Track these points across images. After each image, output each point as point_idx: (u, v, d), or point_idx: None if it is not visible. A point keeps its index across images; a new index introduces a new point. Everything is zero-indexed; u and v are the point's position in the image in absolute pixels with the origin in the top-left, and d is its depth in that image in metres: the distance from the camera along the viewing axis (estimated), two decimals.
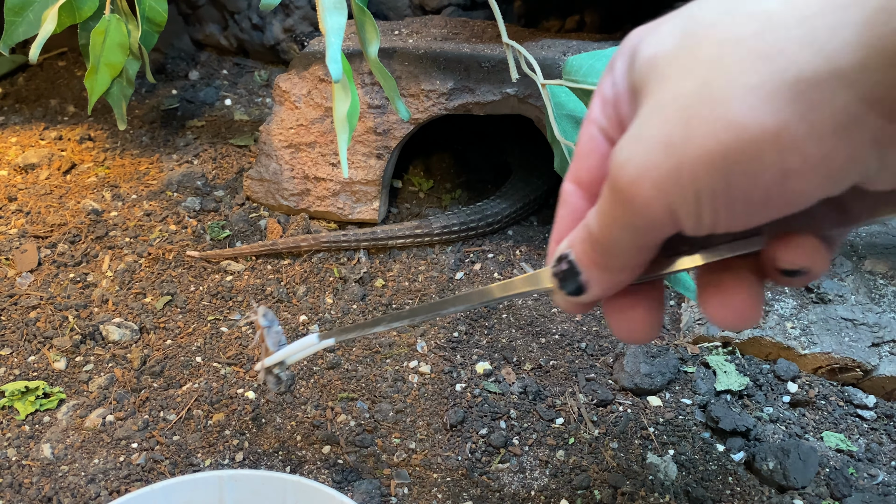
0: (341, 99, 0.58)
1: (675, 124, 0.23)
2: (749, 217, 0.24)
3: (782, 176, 0.23)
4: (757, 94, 0.22)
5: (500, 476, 0.56)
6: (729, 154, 0.23)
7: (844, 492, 0.55)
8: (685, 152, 0.23)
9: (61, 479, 0.54)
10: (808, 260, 0.27)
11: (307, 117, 0.78)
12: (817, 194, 0.23)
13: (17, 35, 0.74)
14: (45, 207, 0.80)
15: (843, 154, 0.22)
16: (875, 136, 0.22)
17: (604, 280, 0.29)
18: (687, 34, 0.24)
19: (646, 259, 0.28)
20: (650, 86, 0.25)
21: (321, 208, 0.79)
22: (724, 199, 0.24)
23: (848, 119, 0.22)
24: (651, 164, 0.24)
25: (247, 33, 1.11)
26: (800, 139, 0.22)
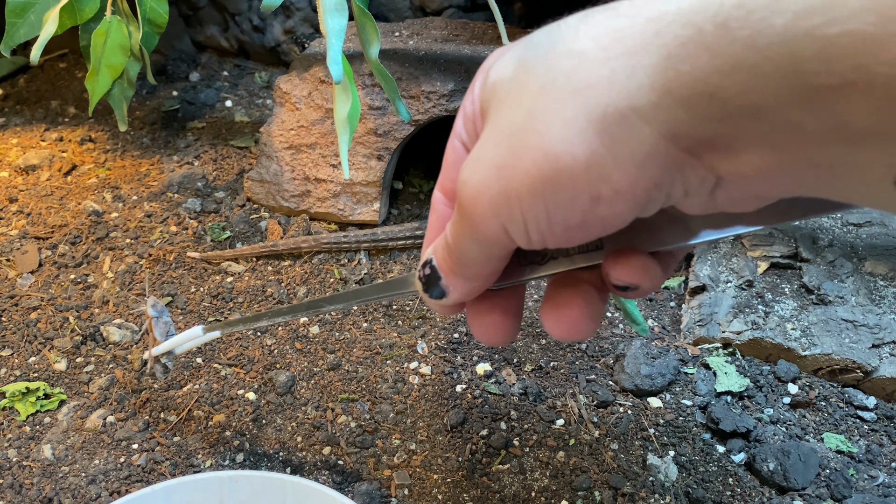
0: (342, 100, 0.58)
1: (505, 150, 0.26)
2: (570, 236, 0.27)
3: (593, 201, 0.25)
4: (570, 127, 0.24)
5: (501, 477, 0.56)
6: (547, 180, 0.25)
7: (845, 493, 0.55)
8: (512, 177, 0.25)
9: (62, 479, 0.54)
10: (636, 277, 0.29)
11: (308, 118, 0.78)
12: (628, 217, 0.26)
13: (18, 37, 0.74)
14: (45, 209, 0.80)
15: (645, 182, 0.24)
16: (674, 166, 0.24)
17: (460, 286, 0.31)
18: (520, 65, 0.26)
19: (495, 268, 0.30)
20: (490, 110, 0.27)
21: (322, 209, 0.79)
22: (545, 220, 0.26)
23: (648, 151, 0.24)
24: (485, 185, 0.26)
25: (247, 35, 1.11)
26: (606, 169, 0.24)
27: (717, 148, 0.24)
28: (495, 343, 0.34)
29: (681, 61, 0.22)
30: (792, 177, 0.24)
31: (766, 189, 0.25)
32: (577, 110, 0.24)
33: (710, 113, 0.23)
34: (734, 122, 0.23)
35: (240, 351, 0.65)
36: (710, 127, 0.23)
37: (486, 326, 0.34)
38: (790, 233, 0.73)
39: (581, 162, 0.24)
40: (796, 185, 0.24)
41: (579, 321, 0.31)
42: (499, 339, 0.34)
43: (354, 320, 0.69)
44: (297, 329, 0.68)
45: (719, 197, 0.26)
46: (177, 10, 1.11)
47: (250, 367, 0.64)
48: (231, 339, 0.67)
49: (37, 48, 0.68)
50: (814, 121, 0.21)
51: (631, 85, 0.23)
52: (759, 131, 0.23)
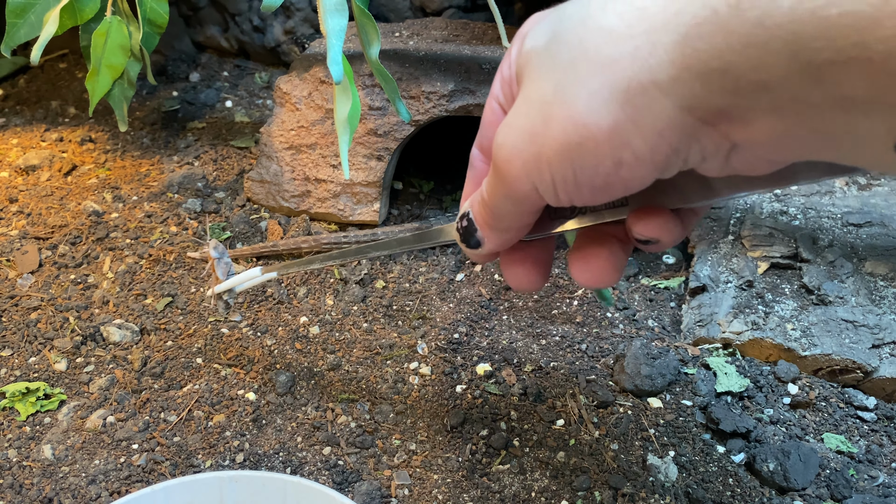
0: (342, 100, 0.58)
1: (536, 118, 0.28)
2: (595, 196, 0.29)
3: (616, 166, 0.27)
4: (596, 99, 0.26)
5: (501, 477, 0.56)
6: (574, 147, 0.27)
7: (845, 493, 0.55)
8: (543, 143, 0.28)
9: (62, 479, 0.54)
10: (657, 232, 0.32)
11: (308, 119, 0.78)
12: (648, 179, 0.28)
13: (18, 37, 0.74)
14: (45, 209, 0.80)
15: (664, 149, 0.27)
16: (693, 135, 0.27)
17: (494, 237, 0.35)
18: (553, 37, 0.28)
19: (527, 222, 0.33)
20: (525, 77, 0.30)
21: (322, 210, 0.79)
22: (572, 182, 0.28)
23: (667, 121, 0.26)
24: (518, 148, 0.29)
25: (247, 35, 1.11)
26: (629, 136, 0.26)
27: (731, 118, 0.26)
28: (526, 289, 0.38)
29: (698, 39, 0.24)
30: (800, 143, 0.26)
31: (777, 154, 0.27)
32: (602, 83, 0.26)
33: (724, 86, 0.25)
34: (746, 94, 0.24)
35: (240, 351, 0.65)
36: (725, 99, 0.25)
37: (518, 275, 0.37)
38: (790, 233, 0.73)
39: (605, 130, 0.26)
40: (804, 151, 0.26)
41: (604, 270, 0.34)
42: (530, 286, 0.37)
43: (354, 320, 0.69)
44: (297, 329, 0.68)
45: (734, 161, 0.28)
46: (177, 11, 1.11)
47: (250, 368, 0.64)
48: (231, 340, 0.67)
49: (37, 48, 0.68)
50: (818, 93, 0.23)
51: (652, 61, 0.25)
52: (769, 103, 0.24)
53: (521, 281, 0.37)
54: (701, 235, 0.76)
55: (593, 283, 0.34)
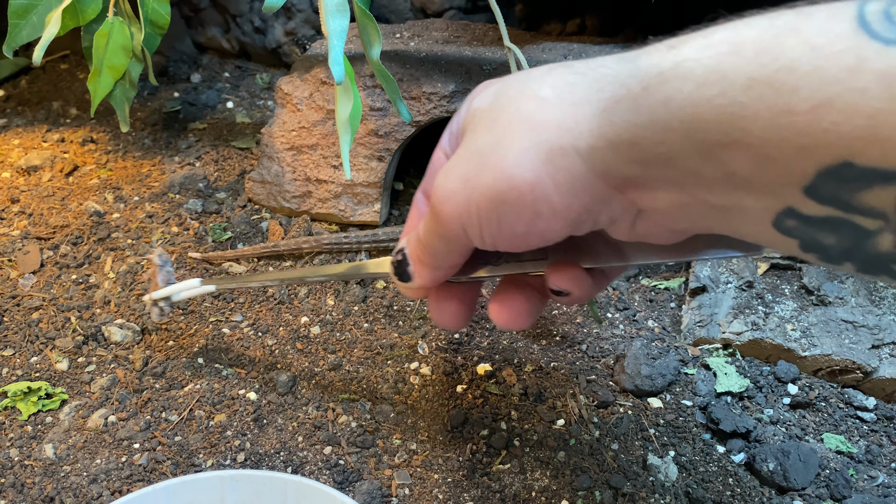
0: (343, 101, 0.58)
1: (472, 166, 0.31)
2: (515, 243, 0.32)
3: (534, 216, 0.30)
4: (524, 155, 0.30)
5: (501, 477, 0.56)
6: (500, 194, 0.30)
7: (844, 493, 0.55)
8: (474, 188, 0.31)
9: (63, 479, 0.55)
10: (569, 285, 0.36)
11: (309, 120, 0.78)
12: (562, 233, 0.32)
13: (20, 38, 0.75)
14: (47, 209, 0.81)
15: (577, 207, 0.30)
16: (604, 198, 0.30)
17: (425, 273, 0.38)
18: (496, 100, 0.32)
19: (455, 263, 0.37)
20: (468, 131, 0.33)
21: (323, 210, 0.79)
22: (496, 226, 0.32)
23: (582, 183, 0.29)
24: (453, 191, 0.32)
25: (249, 36, 1.11)
26: (548, 192, 0.30)
27: (637, 186, 0.29)
28: (450, 327, 0.41)
29: (614, 114, 0.28)
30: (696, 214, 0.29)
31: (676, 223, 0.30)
32: (531, 143, 0.29)
33: (633, 157, 0.28)
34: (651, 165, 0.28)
35: (241, 351, 0.66)
36: (633, 169, 0.28)
37: (443, 311, 0.41)
38: None
39: (528, 183, 0.30)
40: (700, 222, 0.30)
41: (518, 314, 0.38)
42: (453, 324, 0.41)
43: (355, 321, 0.70)
44: (298, 329, 0.68)
45: (640, 227, 0.32)
46: (178, 12, 1.11)
47: (251, 368, 0.64)
48: (232, 340, 0.67)
49: (39, 49, 0.68)
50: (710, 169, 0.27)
51: (575, 129, 0.29)
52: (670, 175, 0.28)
53: (445, 317, 0.41)
54: None
55: (507, 324, 0.38)
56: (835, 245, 0.27)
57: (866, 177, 0.24)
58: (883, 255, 0.26)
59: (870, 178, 0.24)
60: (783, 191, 0.26)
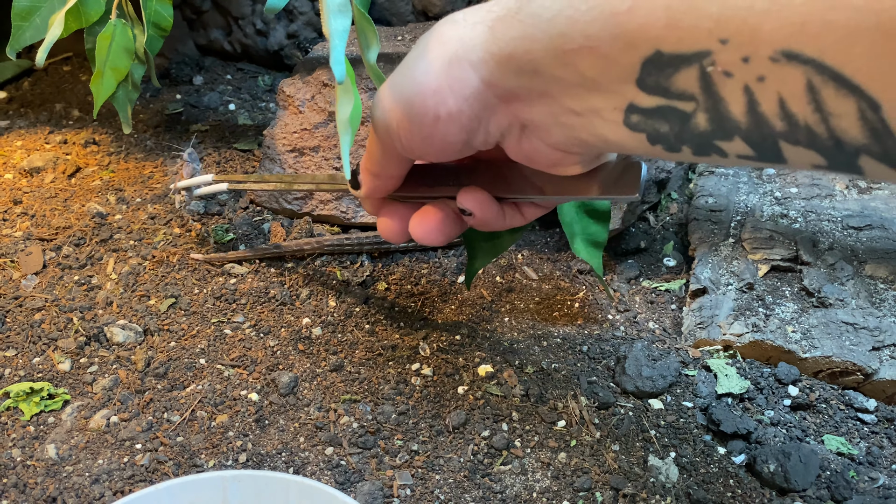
0: (344, 101, 0.58)
1: (397, 77, 0.37)
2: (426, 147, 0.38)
3: (435, 119, 0.36)
4: (430, 65, 0.35)
5: (502, 478, 0.56)
6: (409, 98, 0.36)
7: (845, 495, 0.55)
8: (395, 93, 0.37)
9: (66, 479, 0.55)
10: (472, 205, 0.43)
11: (311, 121, 0.78)
12: (459, 138, 0.37)
13: (23, 40, 0.75)
14: (49, 210, 0.81)
15: (469, 113, 0.36)
16: (491, 107, 0.36)
17: (368, 181, 0.45)
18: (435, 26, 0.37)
19: (392, 173, 0.44)
20: None
21: (324, 212, 0.80)
22: (409, 128, 0.37)
23: (472, 90, 0.35)
24: (381, 97, 0.38)
25: (251, 38, 1.11)
26: (446, 97, 0.35)
27: (517, 98, 0.35)
28: (391, 239, 0.48)
29: (497, 31, 0.33)
30: (564, 123, 0.34)
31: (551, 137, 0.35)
32: (438, 54, 0.35)
33: (510, 68, 0.33)
34: (524, 76, 0.33)
35: (242, 352, 0.66)
36: (511, 80, 0.34)
37: (386, 224, 0.48)
38: (790, 236, 0.73)
39: (431, 89, 0.35)
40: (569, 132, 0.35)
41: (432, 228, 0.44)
42: (393, 237, 0.48)
43: (357, 322, 0.70)
44: (299, 330, 0.68)
45: (525, 144, 0.37)
46: (180, 14, 1.12)
47: (253, 368, 0.64)
48: (234, 341, 0.67)
49: (42, 51, 0.69)
50: (567, 74, 0.32)
51: (470, 43, 0.34)
52: (539, 85, 0.33)
53: (387, 228, 0.47)
54: (702, 238, 0.76)
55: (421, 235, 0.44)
56: (668, 132, 0.31)
57: (673, 62, 0.28)
58: (705, 134, 0.30)
59: (676, 63, 0.28)
60: (622, 87, 0.30)
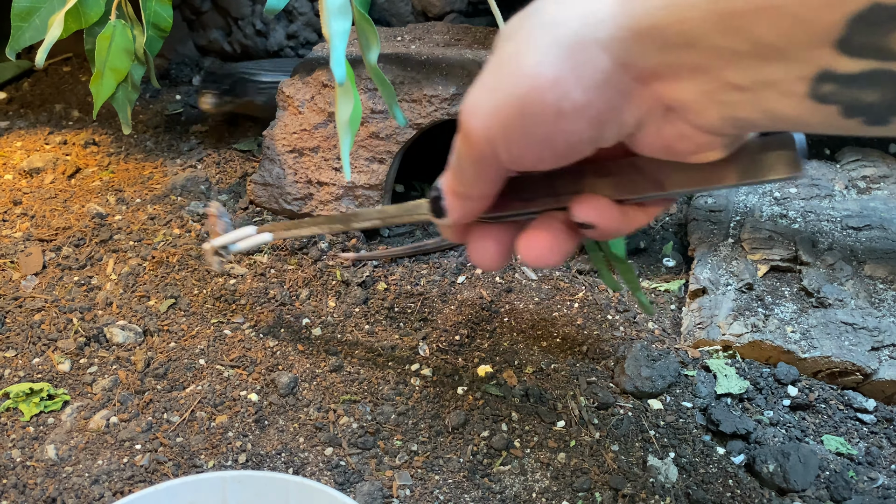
0: (344, 102, 0.59)
1: (495, 75, 0.31)
2: (543, 152, 0.31)
3: (558, 116, 0.29)
4: (543, 53, 0.29)
5: (502, 478, 0.56)
6: (522, 96, 0.30)
7: (844, 495, 0.55)
8: (498, 95, 0.30)
9: (65, 479, 0.55)
10: (593, 216, 0.35)
11: (310, 122, 0.78)
12: (586, 135, 0.31)
13: (23, 40, 0.75)
14: (49, 211, 0.81)
15: (601, 103, 0.29)
16: (627, 93, 0.29)
17: (458, 206, 0.37)
18: (520, 16, 0.32)
19: (488, 191, 0.36)
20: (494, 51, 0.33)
21: (324, 212, 0.80)
22: (522, 133, 0.31)
23: (605, 76, 0.29)
24: (478, 104, 0.31)
25: (250, 39, 1.11)
26: (570, 87, 0.29)
27: (661, 76, 0.28)
28: (487, 265, 0.40)
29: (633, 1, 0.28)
30: (723, 103, 0.28)
31: (704, 118, 0.29)
32: (550, 40, 0.29)
33: (655, 43, 0.27)
34: (673, 50, 0.27)
35: (242, 352, 0.66)
36: (655, 56, 0.28)
37: (480, 251, 0.40)
38: (790, 236, 0.73)
39: (550, 81, 0.29)
40: (728, 112, 0.29)
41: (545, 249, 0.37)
42: (491, 264, 0.40)
43: (356, 322, 0.70)
44: (299, 331, 0.68)
45: (667, 131, 0.31)
46: (180, 15, 1.12)
47: (253, 369, 0.64)
48: (234, 341, 0.67)
49: (42, 52, 0.69)
50: (735, 43, 0.26)
51: (595, 20, 0.28)
52: (693, 59, 0.27)
53: (483, 257, 0.40)
54: (701, 238, 0.76)
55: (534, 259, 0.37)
56: (878, 101, 0.25)
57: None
58: None
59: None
60: (815, 52, 0.25)
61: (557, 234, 0.37)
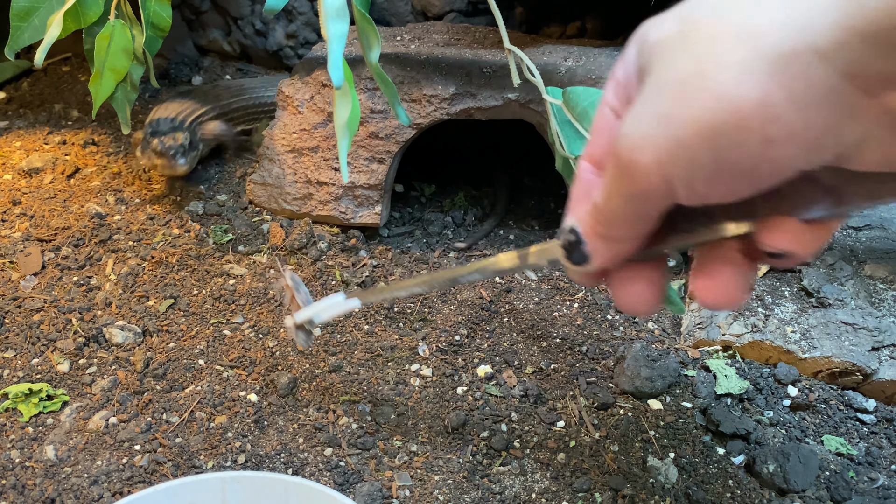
0: (342, 105, 0.58)
1: (671, 99, 0.26)
2: (735, 187, 0.26)
3: (765, 144, 0.25)
4: (743, 70, 0.24)
5: (502, 478, 0.56)
6: (718, 124, 0.25)
7: (844, 495, 0.55)
8: (680, 124, 0.25)
9: (64, 480, 0.55)
10: (790, 244, 0.29)
11: (310, 122, 0.78)
12: (798, 163, 0.26)
13: (22, 40, 0.75)
14: (49, 211, 0.81)
15: (820, 123, 0.24)
16: (852, 108, 0.24)
17: (605, 249, 0.31)
18: (685, 19, 0.26)
19: (644, 231, 0.30)
20: (652, 67, 0.27)
21: (324, 212, 0.80)
22: (712, 168, 0.26)
23: (825, 91, 0.24)
24: (649, 135, 0.26)
25: (250, 39, 1.11)
26: (781, 109, 0.24)
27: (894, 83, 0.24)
28: (639, 313, 0.34)
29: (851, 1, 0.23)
30: None
31: None
32: (750, 53, 0.24)
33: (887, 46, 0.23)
34: None
35: (242, 353, 0.66)
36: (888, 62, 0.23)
37: (631, 296, 0.34)
38: None
39: (753, 103, 0.24)
40: None
41: (731, 289, 0.31)
42: (643, 309, 0.34)
43: (356, 322, 0.70)
44: None
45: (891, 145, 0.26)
46: (180, 15, 1.12)
47: (252, 369, 0.64)
48: (233, 341, 0.67)
49: (41, 52, 0.69)
50: None
51: (810, 26, 0.23)
52: None
53: (635, 301, 0.34)
54: None
55: (720, 302, 0.31)
56: None
57: None
58: None
59: None
60: None
61: (739, 268, 0.31)
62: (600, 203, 0.30)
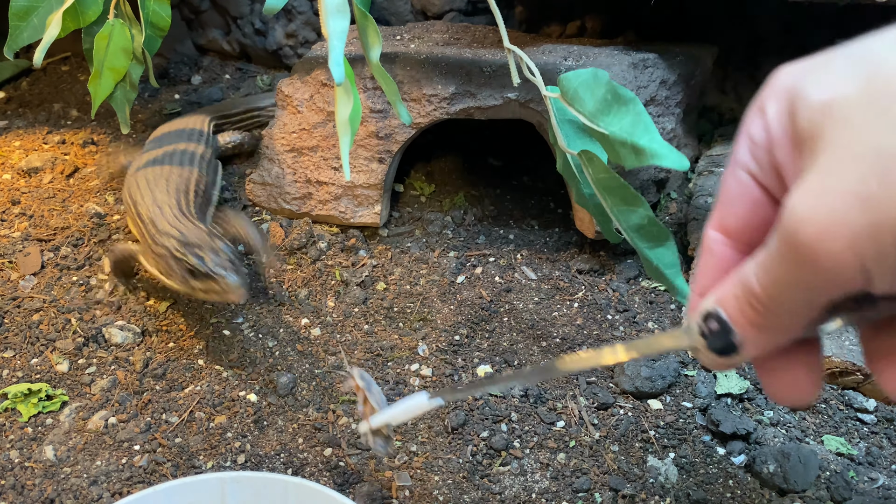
0: (343, 102, 0.58)
1: (872, 177, 0.22)
2: None
3: None
4: None
5: (501, 479, 0.56)
6: None
7: (845, 495, 0.55)
8: (886, 208, 0.21)
9: (64, 480, 0.55)
10: None
11: (309, 121, 0.78)
12: None
13: (21, 40, 0.75)
14: (48, 211, 0.81)
15: None
16: None
17: (761, 340, 0.27)
18: (870, 78, 0.23)
19: (813, 320, 0.26)
20: (829, 134, 0.23)
21: (323, 212, 0.79)
22: None
23: None
24: (842, 219, 0.22)
25: (249, 38, 1.11)
26: None
27: None
28: (796, 403, 0.30)
29: None
30: None
31: None
32: None
33: None
34: None
35: (241, 353, 0.66)
36: None
37: (787, 386, 0.29)
38: None
39: None
40: None
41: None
42: (802, 399, 0.30)
43: (356, 322, 0.70)
44: (298, 331, 0.68)
45: None
46: (179, 14, 1.12)
47: (252, 369, 0.64)
48: (233, 341, 0.67)
49: (40, 51, 0.68)
50: None
51: None
52: None
53: (792, 392, 0.30)
54: (701, 238, 0.76)
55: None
56: None
57: None
58: None
59: None
60: None
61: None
62: (759, 290, 0.26)
